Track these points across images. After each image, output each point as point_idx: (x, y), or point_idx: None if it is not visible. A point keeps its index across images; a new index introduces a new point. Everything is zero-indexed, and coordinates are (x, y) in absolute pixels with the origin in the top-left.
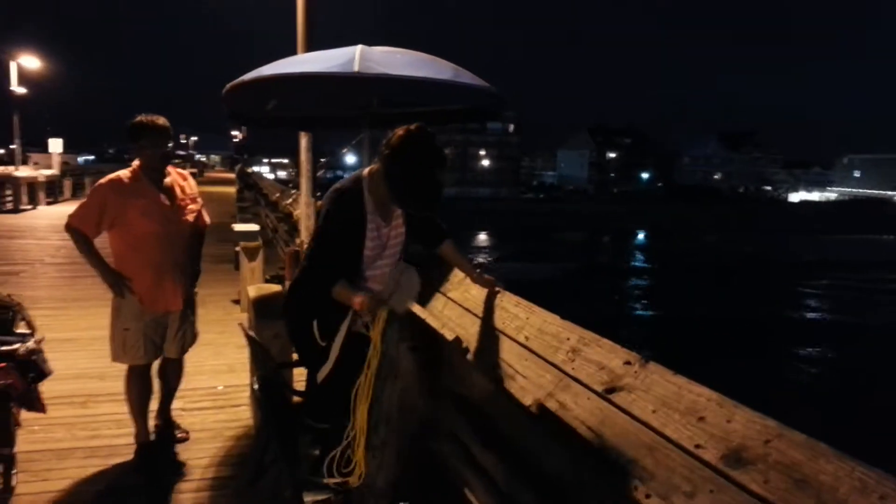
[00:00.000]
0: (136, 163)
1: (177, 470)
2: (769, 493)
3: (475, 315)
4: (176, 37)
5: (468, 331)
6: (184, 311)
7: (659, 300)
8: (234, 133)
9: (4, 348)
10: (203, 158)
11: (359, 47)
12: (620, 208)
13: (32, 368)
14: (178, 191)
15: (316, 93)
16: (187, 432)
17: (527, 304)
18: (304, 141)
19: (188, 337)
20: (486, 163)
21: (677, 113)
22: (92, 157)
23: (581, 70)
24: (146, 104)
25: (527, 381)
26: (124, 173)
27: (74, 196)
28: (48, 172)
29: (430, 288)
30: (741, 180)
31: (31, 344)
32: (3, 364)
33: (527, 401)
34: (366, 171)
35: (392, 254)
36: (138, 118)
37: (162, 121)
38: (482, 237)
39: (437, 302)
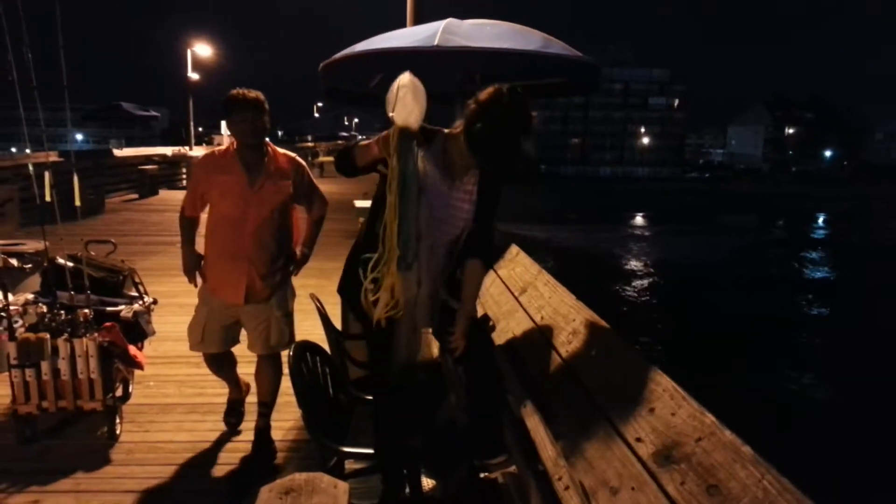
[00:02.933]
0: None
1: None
2: (680, 497)
3: (513, 293)
4: (345, 17)
5: (501, 308)
6: (264, 305)
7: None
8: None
9: (111, 309)
10: (364, 139)
11: (445, 21)
12: (800, 189)
13: (135, 329)
14: (270, 171)
15: (410, 69)
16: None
17: (554, 283)
18: None
19: (273, 334)
20: (646, 140)
21: (866, 84)
22: (268, 140)
23: (755, 38)
24: (310, 85)
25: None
26: (220, 149)
27: None
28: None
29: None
30: None
31: (136, 306)
32: (109, 324)
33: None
34: (446, 130)
35: (450, 232)
36: (231, 92)
37: (253, 94)
38: (638, 220)
39: (488, 279)
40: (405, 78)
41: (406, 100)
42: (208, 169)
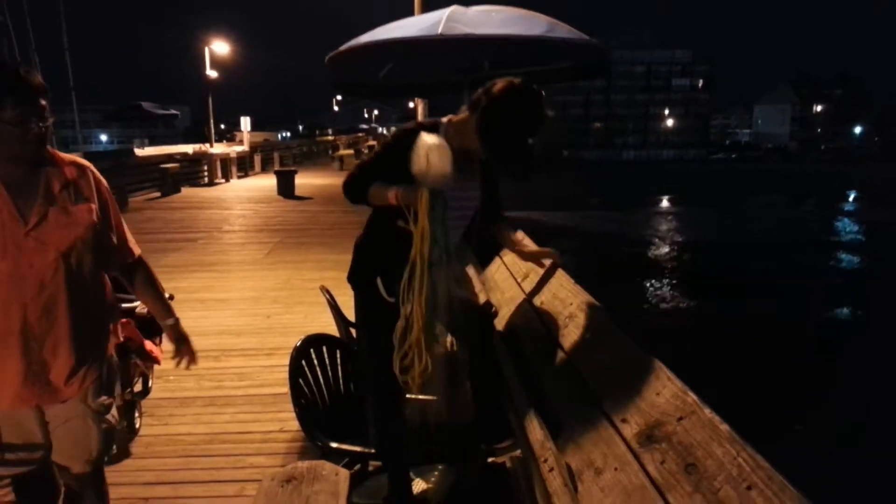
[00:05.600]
0: None
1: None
2: (660, 476)
3: (516, 279)
4: (361, 8)
5: (504, 294)
6: (72, 404)
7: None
8: (410, 105)
9: (126, 305)
10: (384, 131)
11: (449, 9)
12: (830, 168)
13: (151, 324)
14: (54, 192)
15: (417, 58)
16: None
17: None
18: (420, 108)
19: (93, 440)
20: (670, 122)
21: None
22: (288, 134)
23: (780, 14)
24: (328, 79)
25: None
26: None
27: (264, 170)
28: (239, 149)
29: (492, 252)
30: None
31: None
32: (125, 320)
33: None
34: (446, 118)
35: (457, 222)
36: None
37: (32, 75)
38: (664, 203)
39: (493, 265)
40: (433, 142)
41: (436, 166)
42: None
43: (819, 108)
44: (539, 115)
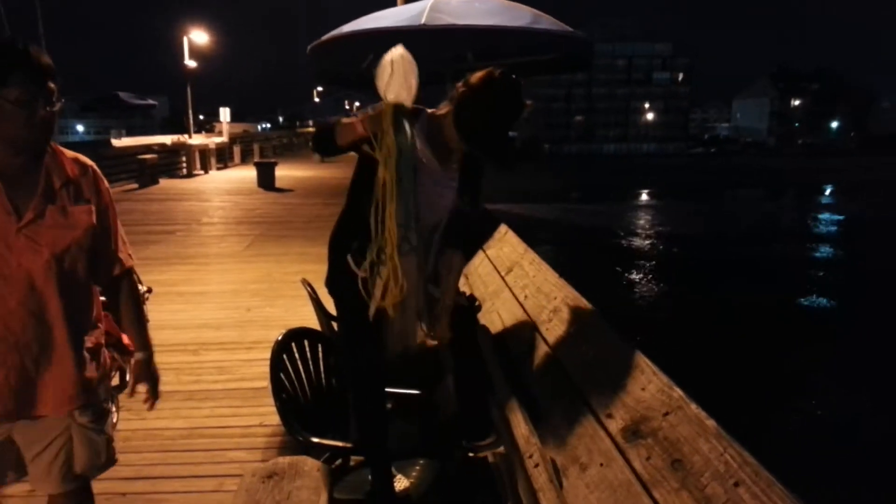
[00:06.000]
0: None
1: None
2: (645, 472)
3: (499, 272)
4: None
5: (488, 288)
6: (53, 420)
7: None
8: None
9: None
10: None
11: None
12: (807, 162)
13: None
14: (53, 190)
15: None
16: None
17: (539, 262)
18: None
19: (79, 455)
20: (650, 116)
21: (873, 54)
22: (268, 125)
23: (758, 9)
24: (306, 75)
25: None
26: None
27: (243, 162)
28: (218, 140)
29: (476, 244)
30: None
31: None
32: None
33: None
34: (430, 110)
35: (434, 216)
36: None
37: (41, 53)
38: (644, 196)
39: (477, 259)
40: (397, 52)
41: (398, 75)
42: None
43: (797, 102)
44: (516, 100)
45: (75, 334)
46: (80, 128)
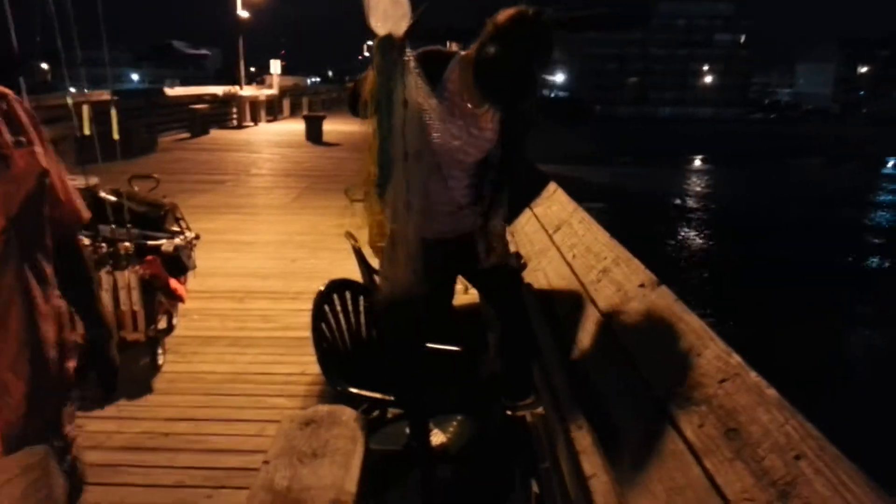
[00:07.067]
0: None
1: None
2: (698, 441)
3: (547, 231)
4: None
5: (534, 247)
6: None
7: None
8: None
9: (152, 243)
10: None
11: None
12: (872, 132)
13: (176, 263)
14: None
15: None
16: None
17: (589, 221)
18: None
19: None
20: (708, 79)
21: None
22: (317, 79)
23: None
24: (359, 24)
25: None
26: None
27: (292, 115)
28: (268, 92)
29: (521, 202)
30: None
31: (177, 241)
32: (150, 257)
33: None
34: (464, 52)
35: (466, 159)
36: None
37: None
38: (697, 163)
39: (523, 217)
40: None
41: (383, 5)
42: None
43: (864, 69)
44: (544, 41)
45: (45, 330)
46: (134, 76)
